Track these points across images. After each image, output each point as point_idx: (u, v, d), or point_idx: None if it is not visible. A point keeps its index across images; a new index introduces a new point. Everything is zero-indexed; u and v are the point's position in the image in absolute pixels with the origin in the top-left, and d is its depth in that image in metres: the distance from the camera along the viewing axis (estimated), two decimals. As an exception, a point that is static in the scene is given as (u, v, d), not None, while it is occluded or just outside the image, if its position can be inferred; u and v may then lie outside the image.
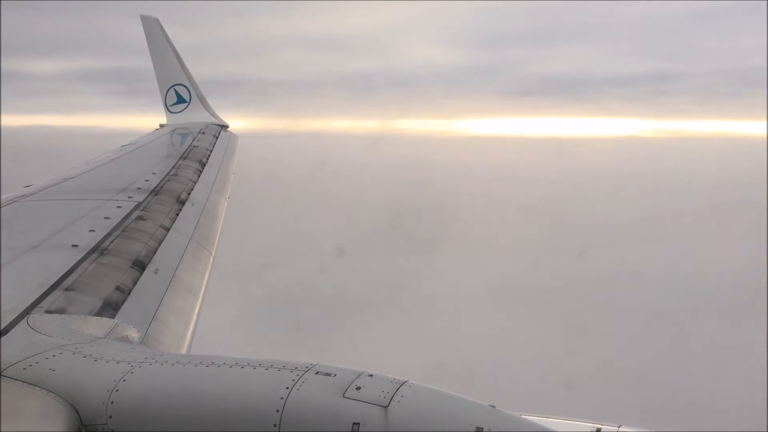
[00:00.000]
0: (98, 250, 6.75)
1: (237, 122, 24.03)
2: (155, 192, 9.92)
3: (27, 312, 4.87)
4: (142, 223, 8.14)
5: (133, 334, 4.78)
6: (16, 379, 3.69)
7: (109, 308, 5.46)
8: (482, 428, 3.18)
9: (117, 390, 3.55)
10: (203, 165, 13.77)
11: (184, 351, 5.65)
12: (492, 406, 3.34)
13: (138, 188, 10.04)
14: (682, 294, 58.18)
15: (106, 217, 8.06)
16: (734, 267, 67.45)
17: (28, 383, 3.65)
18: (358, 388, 3.37)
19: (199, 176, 12.44)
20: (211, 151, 15.91)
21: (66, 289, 5.54)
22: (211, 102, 23.00)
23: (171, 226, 8.53)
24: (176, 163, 13.09)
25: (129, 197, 9.36)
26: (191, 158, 14.04)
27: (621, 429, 4.42)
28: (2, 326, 4.51)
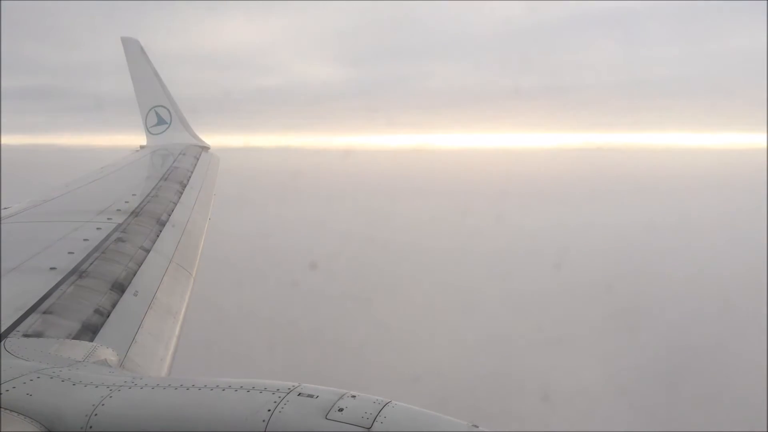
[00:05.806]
0: (77, 272, 6.68)
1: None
2: (135, 213, 9.84)
3: (4, 336, 4.80)
4: (122, 244, 8.05)
5: (112, 357, 4.72)
6: None
7: (88, 331, 5.38)
8: None
9: (96, 414, 3.51)
10: (184, 186, 13.69)
11: (164, 374, 5.58)
12: (474, 425, 3.35)
13: (118, 210, 9.95)
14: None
15: (85, 239, 7.97)
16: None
17: (5, 408, 3.59)
18: (341, 410, 3.36)
19: (179, 197, 12.36)
20: (192, 172, 15.83)
21: (44, 313, 5.46)
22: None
23: (151, 247, 8.46)
24: (157, 184, 13.00)
25: (108, 219, 9.27)
26: (172, 179, 13.96)
27: None
28: None
